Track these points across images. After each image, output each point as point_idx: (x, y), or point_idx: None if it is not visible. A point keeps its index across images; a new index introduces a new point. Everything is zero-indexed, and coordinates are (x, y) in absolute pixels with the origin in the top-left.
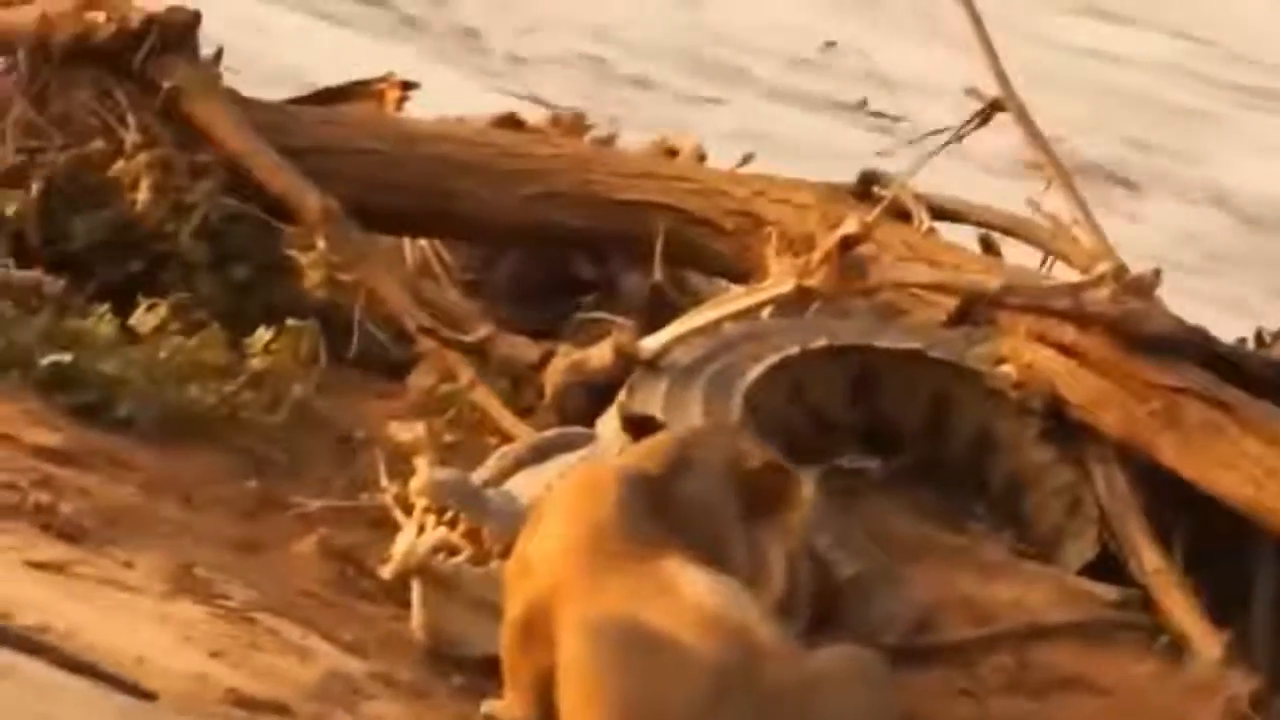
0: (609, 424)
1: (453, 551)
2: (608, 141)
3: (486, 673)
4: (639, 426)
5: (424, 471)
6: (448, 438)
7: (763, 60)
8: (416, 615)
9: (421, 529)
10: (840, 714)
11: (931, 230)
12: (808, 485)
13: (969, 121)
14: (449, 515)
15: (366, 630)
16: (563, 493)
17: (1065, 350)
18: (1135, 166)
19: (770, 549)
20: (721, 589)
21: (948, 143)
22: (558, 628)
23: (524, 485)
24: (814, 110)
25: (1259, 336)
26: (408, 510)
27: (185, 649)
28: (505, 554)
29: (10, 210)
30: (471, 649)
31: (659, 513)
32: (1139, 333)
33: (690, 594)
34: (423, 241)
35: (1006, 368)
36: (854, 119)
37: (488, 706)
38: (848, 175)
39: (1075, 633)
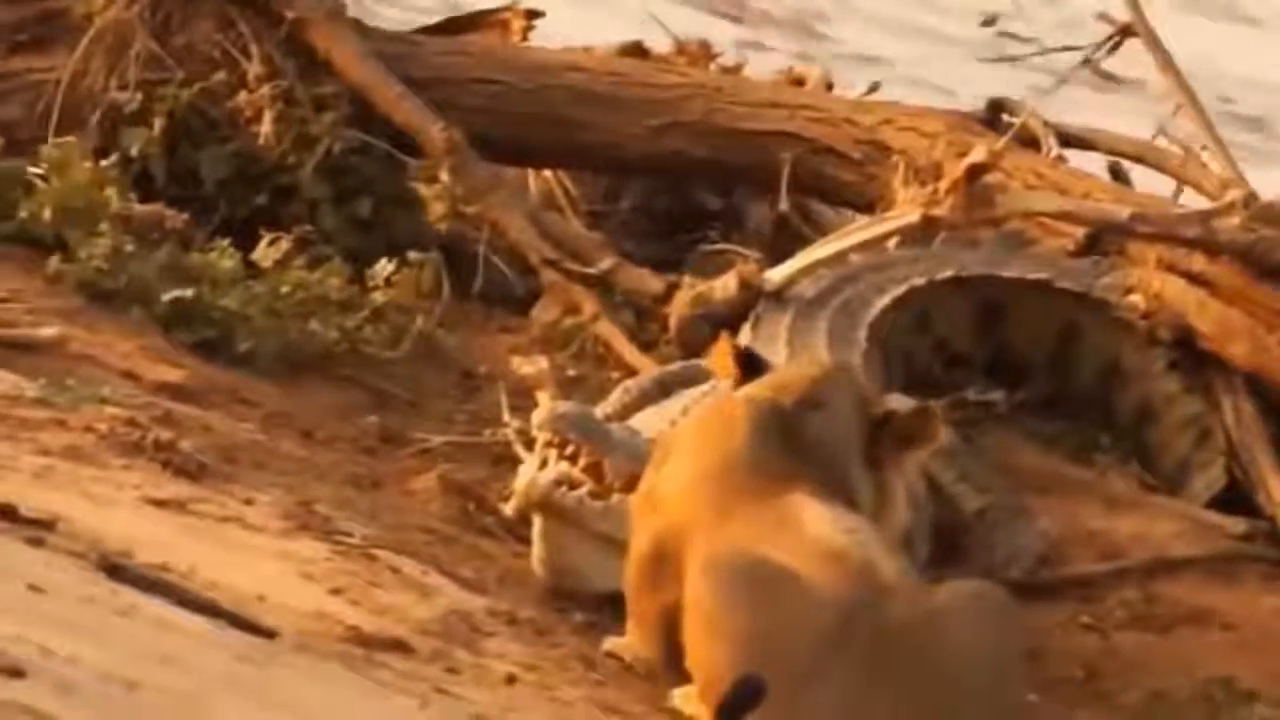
0: None
1: (574, 486)
2: (734, 70)
3: (607, 609)
4: (747, 364)
5: (546, 405)
6: (570, 372)
7: None
8: (536, 550)
9: (543, 463)
10: (963, 649)
11: (1060, 158)
12: (941, 427)
13: (1099, 45)
14: (570, 449)
15: (487, 567)
16: (692, 426)
17: (1194, 279)
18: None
19: (895, 489)
20: (846, 524)
21: (1076, 66)
22: (685, 563)
23: (648, 420)
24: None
25: None
26: (529, 445)
27: (305, 586)
28: (627, 488)
29: (134, 147)
30: (591, 584)
31: (788, 446)
32: (1269, 261)
33: (815, 530)
34: (547, 173)
35: (1135, 297)
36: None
37: (609, 644)
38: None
39: (1201, 566)
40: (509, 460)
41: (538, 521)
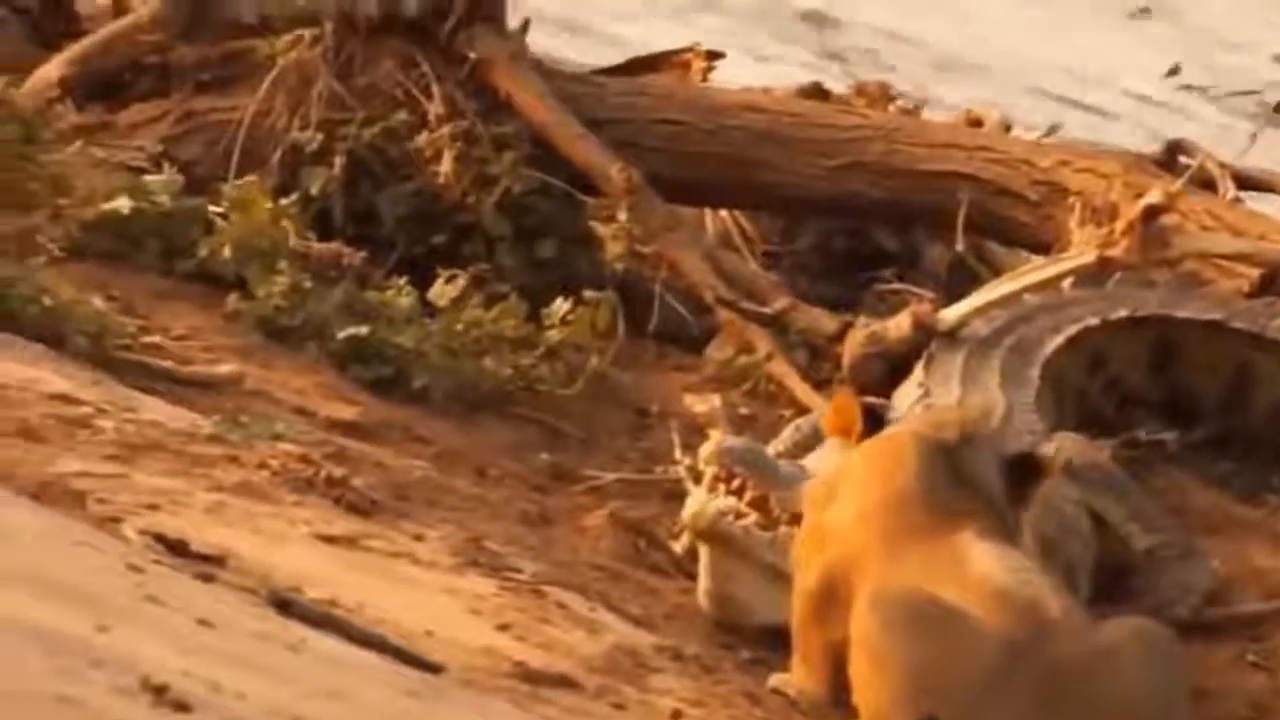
0: (905, 395)
1: (741, 517)
2: (913, 111)
3: (773, 646)
4: (869, 419)
5: (714, 438)
6: (743, 410)
7: None
8: (702, 581)
9: (711, 493)
10: (1128, 686)
11: (1237, 200)
12: (1055, 463)
13: None
14: (736, 483)
15: (655, 603)
16: (860, 460)
17: None
18: None
19: (1026, 518)
20: (1012, 562)
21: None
22: (853, 598)
23: (819, 460)
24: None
25: None
26: (698, 479)
27: (473, 622)
28: (793, 522)
29: (314, 187)
30: (756, 617)
31: (954, 481)
32: None
33: (981, 567)
34: (724, 213)
35: None
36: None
37: (776, 680)
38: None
39: None
40: (680, 497)
41: (704, 551)
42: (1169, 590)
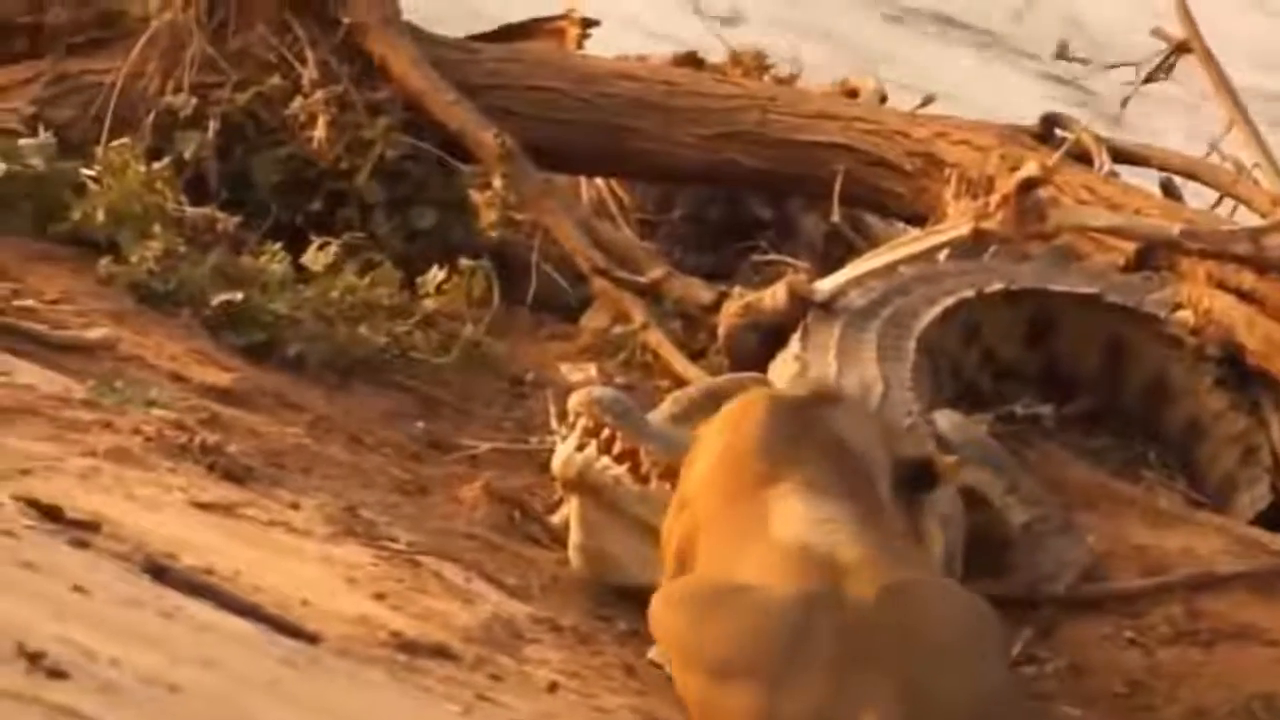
0: (782, 368)
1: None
2: (788, 81)
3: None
4: None
5: (583, 389)
6: (619, 380)
7: None
8: (573, 536)
9: (580, 446)
10: (930, 616)
11: (1112, 174)
12: (951, 476)
13: (1157, 67)
14: (606, 434)
15: (531, 574)
16: (712, 424)
17: (1244, 296)
18: None
19: (927, 521)
20: (818, 516)
21: (1132, 93)
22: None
23: None
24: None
25: None
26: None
27: (349, 592)
28: (664, 478)
29: (188, 151)
30: (627, 575)
31: (800, 436)
32: None
33: (783, 522)
34: (599, 181)
35: (1184, 313)
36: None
37: (653, 653)
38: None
39: (1246, 582)
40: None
41: (573, 503)
42: (1045, 566)
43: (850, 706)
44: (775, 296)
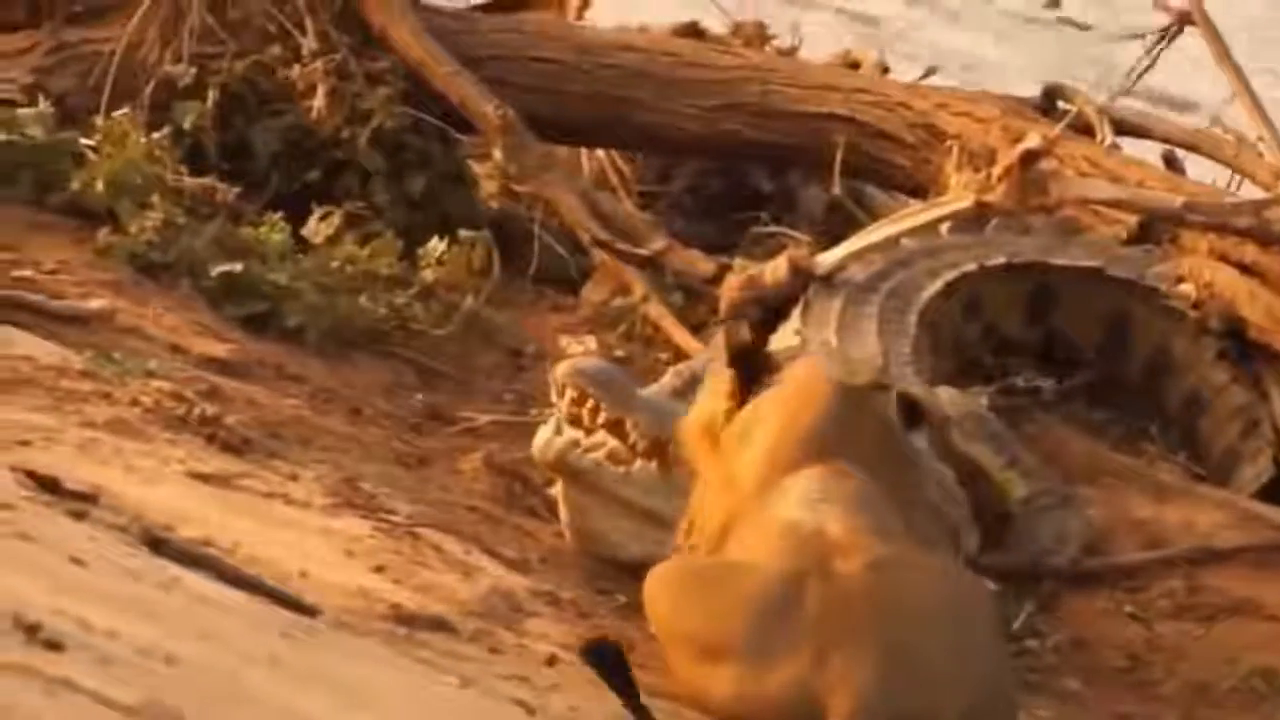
0: (783, 341)
1: (592, 450)
2: (789, 53)
3: None
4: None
5: (568, 360)
6: (619, 352)
7: None
8: (562, 515)
9: (559, 427)
10: (914, 592)
11: (1115, 146)
12: (934, 416)
13: (1159, 40)
14: (590, 405)
15: (531, 547)
16: (769, 403)
17: (1246, 269)
18: None
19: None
20: (815, 493)
21: (1143, 71)
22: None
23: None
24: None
25: None
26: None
27: (348, 564)
28: (650, 451)
29: (187, 121)
30: (619, 551)
31: (854, 426)
32: None
33: (779, 502)
34: (600, 152)
35: (1186, 287)
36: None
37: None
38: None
39: (1247, 557)
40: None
41: (560, 486)
42: (1046, 540)
43: (831, 682)
44: (776, 270)
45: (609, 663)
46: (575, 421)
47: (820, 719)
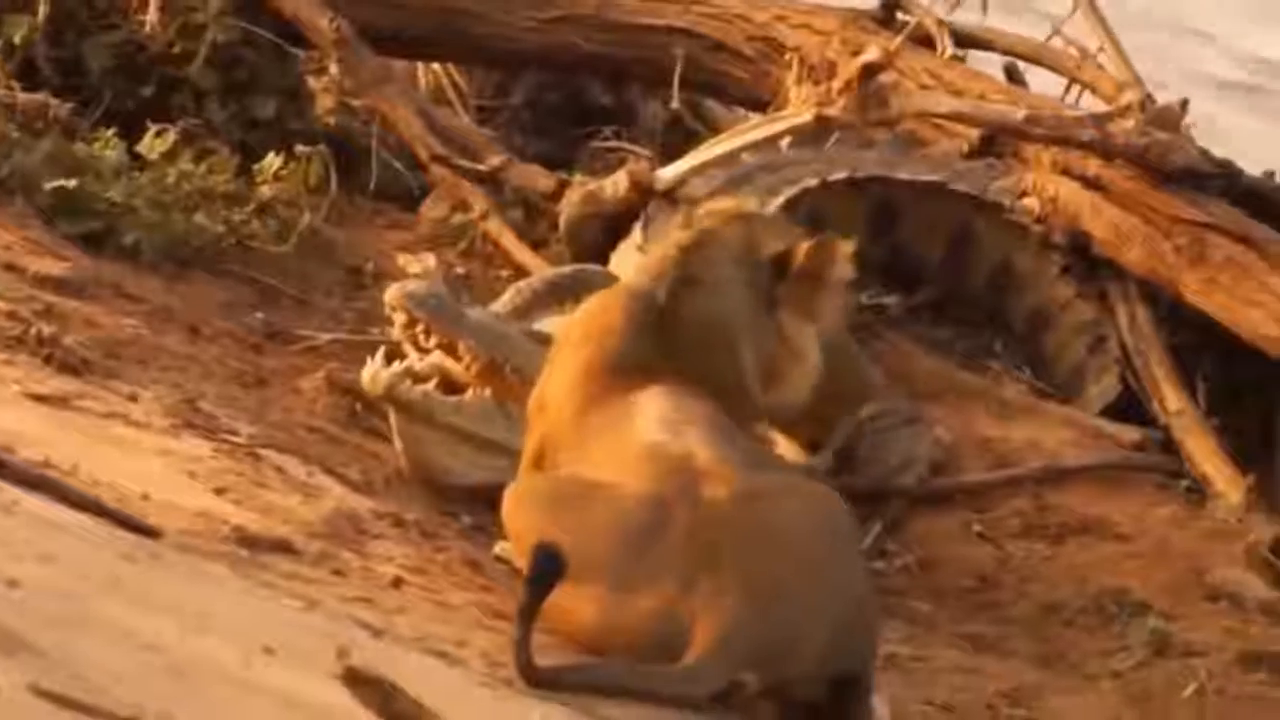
0: (624, 257)
1: (421, 379)
2: None
3: (495, 513)
4: None
5: (397, 284)
6: (459, 269)
7: None
8: (396, 444)
9: (390, 358)
10: (783, 523)
11: (955, 58)
12: (842, 258)
13: None
14: (421, 329)
15: (374, 468)
16: (571, 324)
17: (1089, 183)
18: None
19: (805, 334)
20: (676, 418)
21: None
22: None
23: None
24: None
25: None
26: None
27: (189, 485)
28: (483, 374)
29: (17, 35)
30: (458, 479)
31: (662, 334)
32: (1164, 166)
33: (638, 426)
34: (436, 66)
35: (1029, 201)
36: None
37: (499, 548)
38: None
39: (1095, 475)
40: (397, 359)
41: (392, 415)
42: (893, 459)
43: (696, 609)
44: (616, 185)
45: (548, 574)
46: (413, 343)
47: (685, 646)
